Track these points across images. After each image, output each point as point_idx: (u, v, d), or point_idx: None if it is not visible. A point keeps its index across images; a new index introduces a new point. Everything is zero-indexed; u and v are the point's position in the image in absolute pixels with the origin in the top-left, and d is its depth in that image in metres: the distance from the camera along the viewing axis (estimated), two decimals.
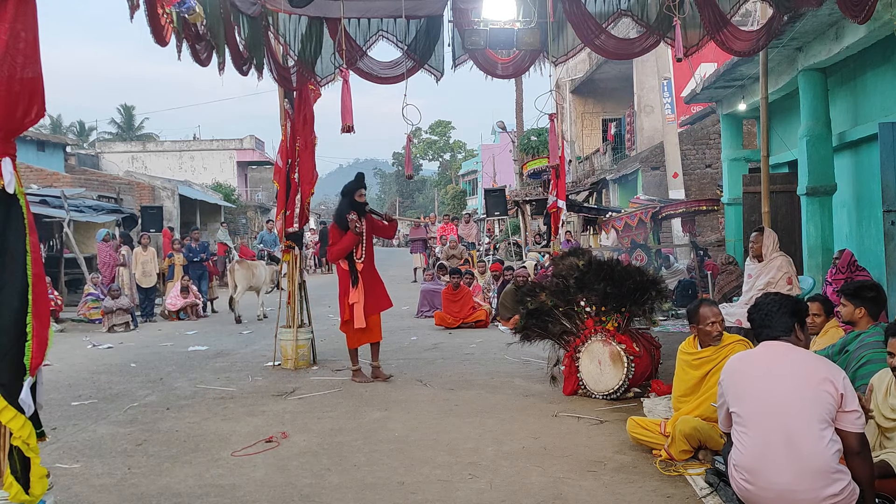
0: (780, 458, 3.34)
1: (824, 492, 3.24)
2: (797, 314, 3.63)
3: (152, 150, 38.00)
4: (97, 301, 13.35)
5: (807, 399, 3.34)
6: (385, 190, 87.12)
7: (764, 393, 3.46)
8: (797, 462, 3.30)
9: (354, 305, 7.60)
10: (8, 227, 3.34)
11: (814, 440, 3.29)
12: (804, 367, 3.44)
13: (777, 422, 3.37)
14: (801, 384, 3.38)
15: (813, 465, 3.27)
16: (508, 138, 31.25)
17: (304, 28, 7.92)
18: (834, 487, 3.24)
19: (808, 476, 3.27)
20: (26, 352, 3.35)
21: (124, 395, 7.43)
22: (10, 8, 3.23)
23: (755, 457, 3.42)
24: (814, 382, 3.35)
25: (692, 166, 19.46)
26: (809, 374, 3.39)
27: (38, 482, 3.39)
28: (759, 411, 3.45)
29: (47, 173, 20.26)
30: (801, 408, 3.34)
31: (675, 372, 5.33)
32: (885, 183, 7.80)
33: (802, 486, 3.27)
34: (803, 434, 3.31)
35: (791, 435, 3.33)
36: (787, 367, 3.47)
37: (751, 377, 3.56)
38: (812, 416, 3.31)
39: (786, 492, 3.31)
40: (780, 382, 3.43)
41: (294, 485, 4.71)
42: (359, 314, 7.62)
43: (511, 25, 7.40)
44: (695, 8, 7.17)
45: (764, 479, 3.37)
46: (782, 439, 3.35)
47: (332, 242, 7.72)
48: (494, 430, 5.84)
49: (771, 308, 3.62)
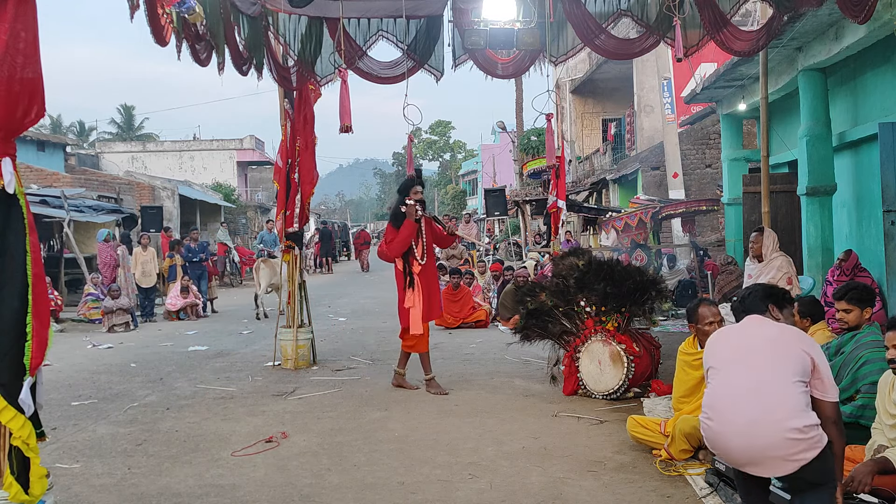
0: (745, 396, 3.30)
1: (789, 423, 3.16)
2: (773, 297, 3.66)
3: (152, 150, 38.00)
4: (97, 301, 13.35)
5: (779, 353, 3.34)
6: (385, 190, 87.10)
7: (738, 346, 3.49)
8: (763, 398, 3.25)
9: (411, 310, 7.11)
10: (8, 227, 3.34)
11: (782, 384, 3.25)
12: (780, 330, 3.47)
13: (746, 367, 3.37)
14: (775, 342, 3.40)
15: (778, 401, 3.22)
16: (508, 138, 31.24)
17: (303, 28, 7.92)
18: (799, 421, 3.16)
19: (773, 409, 3.21)
20: (26, 352, 3.34)
21: (124, 395, 7.43)
22: (10, 8, 3.22)
23: (720, 396, 3.40)
24: (789, 342, 3.37)
25: (692, 166, 19.46)
26: (783, 336, 3.42)
27: (37, 482, 3.39)
28: (731, 358, 3.46)
29: (47, 173, 20.26)
30: (772, 358, 3.34)
31: (676, 372, 5.34)
32: (885, 183, 7.79)
33: (766, 417, 3.20)
34: (771, 378, 3.28)
35: (760, 378, 3.30)
36: (764, 328, 3.51)
37: (727, 336, 3.62)
38: (783, 366, 3.29)
39: (749, 424, 3.23)
40: (754, 339, 3.47)
41: (294, 485, 4.71)
42: (416, 319, 7.09)
43: (511, 25, 7.39)
44: (695, 8, 7.17)
45: (726, 417, 3.33)
46: (750, 381, 3.32)
47: (388, 240, 7.28)
48: (494, 430, 5.84)
49: (748, 295, 3.71)
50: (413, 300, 7.11)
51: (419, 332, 7.11)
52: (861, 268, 8.35)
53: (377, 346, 10.28)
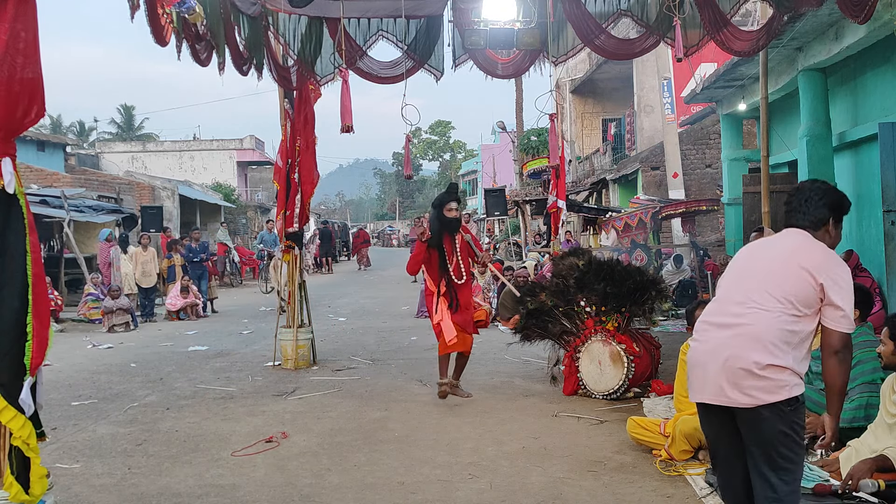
0: (727, 316, 3.07)
1: (750, 356, 2.93)
2: (838, 209, 3.19)
3: (152, 150, 37.97)
4: (97, 301, 13.34)
5: (777, 272, 3.04)
6: (385, 190, 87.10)
7: (742, 268, 3.21)
8: (741, 320, 3.01)
9: (442, 322, 6.69)
10: (8, 227, 3.34)
11: (765, 308, 2.99)
12: (793, 248, 3.11)
13: (739, 288, 3.11)
14: (778, 261, 3.08)
15: (752, 331, 2.96)
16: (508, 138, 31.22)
17: (303, 28, 7.91)
18: (763, 357, 2.91)
19: (742, 338, 2.97)
20: (26, 352, 3.35)
21: (124, 395, 7.43)
22: (10, 8, 3.23)
23: (707, 313, 3.19)
24: (793, 263, 3.04)
25: (692, 166, 19.46)
26: (791, 255, 3.07)
27: (38, 482, 3.39)
28: (729, 281, 3.20)
29: (47, 173, 20.24)
30: (766, 278, 3.05)
31: (677, 372, 5.34)
32: (885, 183, 7.79)
33: (732, 345, 2.98)
34: (758, 300, 3.01)
35: (747, 299, 3.04)
36: (778, 247, 3.18)
37: (741, 256, 3.32)
38: (776, 288, 3.00)
39: (717, 347, 3.03)
40: (760, 261, 3.17)
41: (294, 485, 4.71)
42: (448, 325, 6.66)
43: (511, 25, 7.39)
44: (695, 8, 7.17)
45: (706, 334, 3.12)
46: (737, 301, 3.08)
47: (412, 254, 7.09)
48: (494, 430, 5.84)
49: (812, 195, 3.19)
50: (441, 314, 6.71)
51: (453, 337, 6.61)
52: (861, 268, 8.35)
53: (377, 346, 10.29)
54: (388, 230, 63.55)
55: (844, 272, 3.02)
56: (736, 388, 2.94)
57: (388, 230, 63.55)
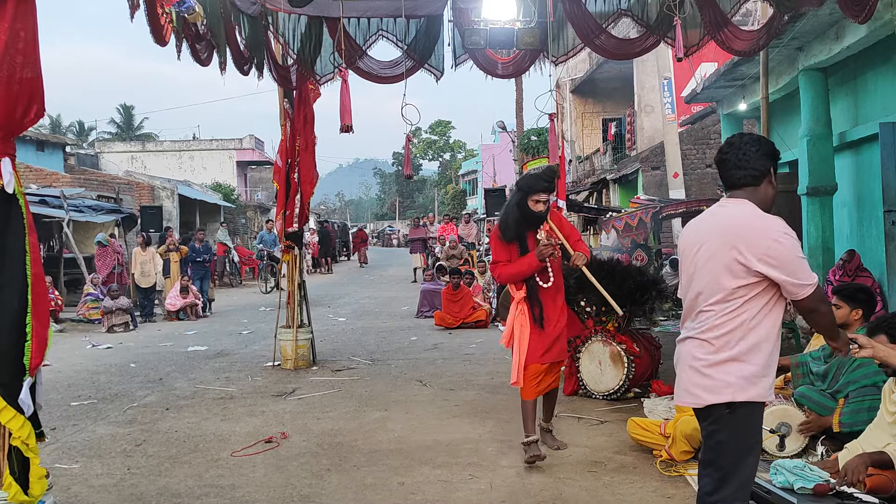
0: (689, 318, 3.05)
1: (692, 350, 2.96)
2: (774, 157, 3.07)
3: (152, 150, 37.94)
4: (97, 301, 13.34)
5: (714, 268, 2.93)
6: (385, 190, 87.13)
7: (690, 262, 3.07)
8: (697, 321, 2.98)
9: (519, 347, 5.11)
10: (7, 227, 3.33)
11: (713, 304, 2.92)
12: (725, 220, 2.99)
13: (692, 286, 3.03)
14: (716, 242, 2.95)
15: (705, 327, 2.93)
16: (508, 138, 31.22)
17: (303, 27, 7.90)
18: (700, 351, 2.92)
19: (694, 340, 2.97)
20: (26, 352, 3.34)
21: (124, 396, 7.42)
22: (10, 8, 3.22)
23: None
24: (726, 246, 2.91)
25: (692, 166, 19.45)
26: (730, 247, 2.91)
27: (37, 482, 3.39)
28: (685, 280, 3.11)
29: (46, 173, 20.23)
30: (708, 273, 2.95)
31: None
32: (886, 183, 7.79)
33: (687, 345, 3.00)
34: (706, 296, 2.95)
35: (698, 298, 2.99)
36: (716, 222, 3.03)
37: (685, 242, 3.16)
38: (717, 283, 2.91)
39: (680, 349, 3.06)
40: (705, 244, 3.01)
41: (294, 485, 4.70)
42: (515, 363, 5.09)
43: (511, 25, 7.38)
44: (695, 7, 7.16)
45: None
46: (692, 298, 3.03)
47: (495, 258, 5.29)
48: (494, 431, 5.84)
49: (749, 147, 3.01)
50: (520, 331, 5.11)
51: (517, 382, 5.08)
52: (863, 268, 8.35)
53: (377, 346, 10.28)
54: (389, 230, 63.59)
55: (787, 241, 2.85)
56: (683, 389, 3.01)
57: (389, 230, 63.59)
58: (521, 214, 5.10)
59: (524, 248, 5.13)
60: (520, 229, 5.12)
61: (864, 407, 4.49)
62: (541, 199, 5.06)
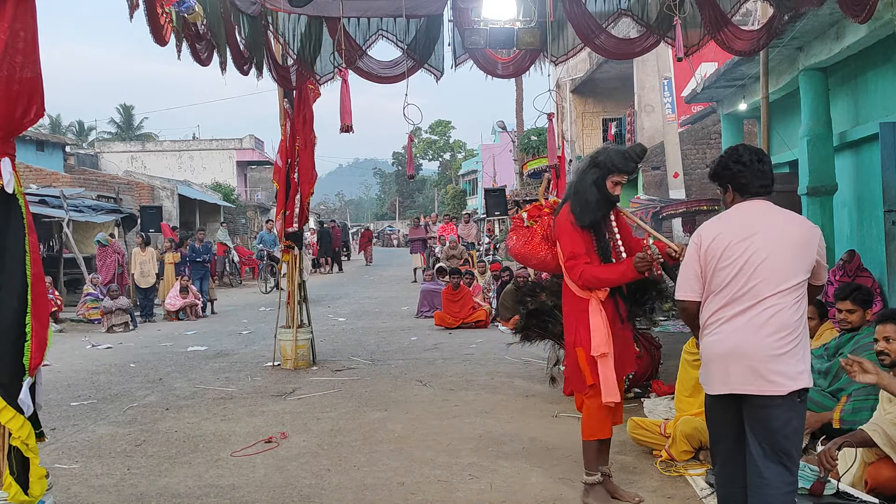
0: (740, 308, 3.12)
1: (771, 344, 3.05)
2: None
3: (151, 150, 37.93)
4: (96, 301, 13.34)
5: (787, 255, 3.12)
6: (385, 190, 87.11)
7: (740, 257, 3.15)
8: (755, 312, 3.08)
9: (600, 359, 4.17)
10: (7, 227, 3.33)
11: (780, 298, 3.07)
12: (788, 223, 3.21)
13: (744, 279, 3.12)
14: (786, 239, 3.15)
15: (770, 320, 3.05)
16: (508, 138, 31.23)
17: (303, 27, 7.90)
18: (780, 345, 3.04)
19: (761, 328, 3.06)
20: (25, 352, 3.34)
21: (123, 396, 7.42)
22: (10, 8, 3.22)
23: (714, 308, 3.20)
24: (799, 236, 3.17)
25: (692, 166, 19.43)
26: (792, 229, 3.19)
27: (37, 482, 3.38)
28: (730, 274, 3.16)
29: (46, 173, 20.24)
30: (779, 262, 3.11)
31: (678, 373, 5.34)
32: (886, 183, 7.79)
33: (751, 335, 3.07)
34: (767, 290, 3.08)
35: (755, 291, 3.10)
36: (770, 222, 3.22)
37: (727, 238, 3.22)
38: (786, 272, 3.09)
39: (737, 339, 3.10)
40: (759, 237, 3.16)
41: (294, 485, 4.70)
42: (609, 379, 4.17)
43: (511, 25, 7.38)
44: (695, 7, 7.16)
45: (723, 333, 3.15)
46: (744, 293, 3.12)
47: (573, 251, 4.23)
48: (494, 431, 5.84)
49: (759, 160, 3.26)
50: (605, 342, 4.16)
51: (616, 398, 4.19)
52: (863, 268, 8.35)
53: (377, 346, 10.28)
54: (389, 230, 63.57)
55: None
56: (759, 375, 3.05)
57: (389, 230, 63.57)
58: (600, 193, 4.22)
59: (601, 239, 4.29)
60: (597, 213, 4.26)
61: (867, 406, 4.49)
62: (622, 182, 4.27)
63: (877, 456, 3.94)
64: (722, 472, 3.30)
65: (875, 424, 3.89)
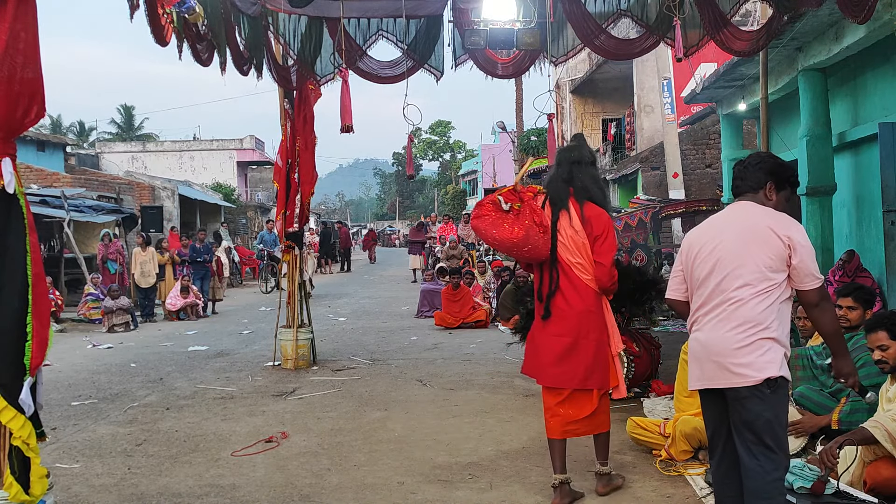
0: (713, 307, 3.24)
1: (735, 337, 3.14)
2: (775, 174, 3.33)
3: (152, 150, 37.94)
4: (97, 301, 13.35)
5: (750, 248, 3.18)
6: (385, 190, 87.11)
7: (711, 249, 3.28)
8: (723, 312, 3.19)
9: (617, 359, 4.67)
10: (8, 227, 3.34)
11: (743, 291, 3.15)
12: (753, 218, 3.26)
13: (716, 275, 3.23)
14: (745, 234, 3.21)
15: (739, 316, 3.14)
16: (508, 138, 31.22)
17: (303, 28, 7.92)
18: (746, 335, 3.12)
19: (727, 325, 3.16)
20: (26, 352, 3.34)
21: (124, 395, 7.43)
22: (10, 8, 3.22)
23: (694, 308, 3.36)
24: (760, 230, 3.19)
25: (692, 166, 19.44)
26: (756, 224, 3.23)
27: (37, 482, 3.39)
28: (702, 272, 3.29)
29: (47, 173, 20.24)
30: (739, 257, 3.19)
31: (678, 372, 5.34)
32: (886, 183, 7.79)
33: (719, 330, 3.20)
34: (736, 287, 3.17)
35: (723, 286, 3.20)
36: (738, 220, 3.30)
37: (702, 239, 3.38)
38: (750, 266, 3.16)
39: (708, 334, 3.24)
40: (725, 235, 3.27)
41: (294, 485, 4.71)
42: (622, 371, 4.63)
43: (511, 25, 7.38)
44: (695, 8, 7.17)
45: (699, 331, 3.32)
46: (712, 289, 3.24)
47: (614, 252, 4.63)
48: (494, 430, 5.84)
49: (751, 163, 3.37)
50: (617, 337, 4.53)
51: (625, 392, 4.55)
52: (862, 268, 8.36)
53: (377, 346, 10.29)
54: (389, 230, 63.57)
55: (802, 230, 3.22)
56: (725, 369, 3.16)
57: (389, 230, 63.57)
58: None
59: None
60: None
61: (864, 407, 4.50)
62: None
63: (876, 455, 3.95)
64: (717, 469, 3.37)
65: (876, 421, 3.90)
